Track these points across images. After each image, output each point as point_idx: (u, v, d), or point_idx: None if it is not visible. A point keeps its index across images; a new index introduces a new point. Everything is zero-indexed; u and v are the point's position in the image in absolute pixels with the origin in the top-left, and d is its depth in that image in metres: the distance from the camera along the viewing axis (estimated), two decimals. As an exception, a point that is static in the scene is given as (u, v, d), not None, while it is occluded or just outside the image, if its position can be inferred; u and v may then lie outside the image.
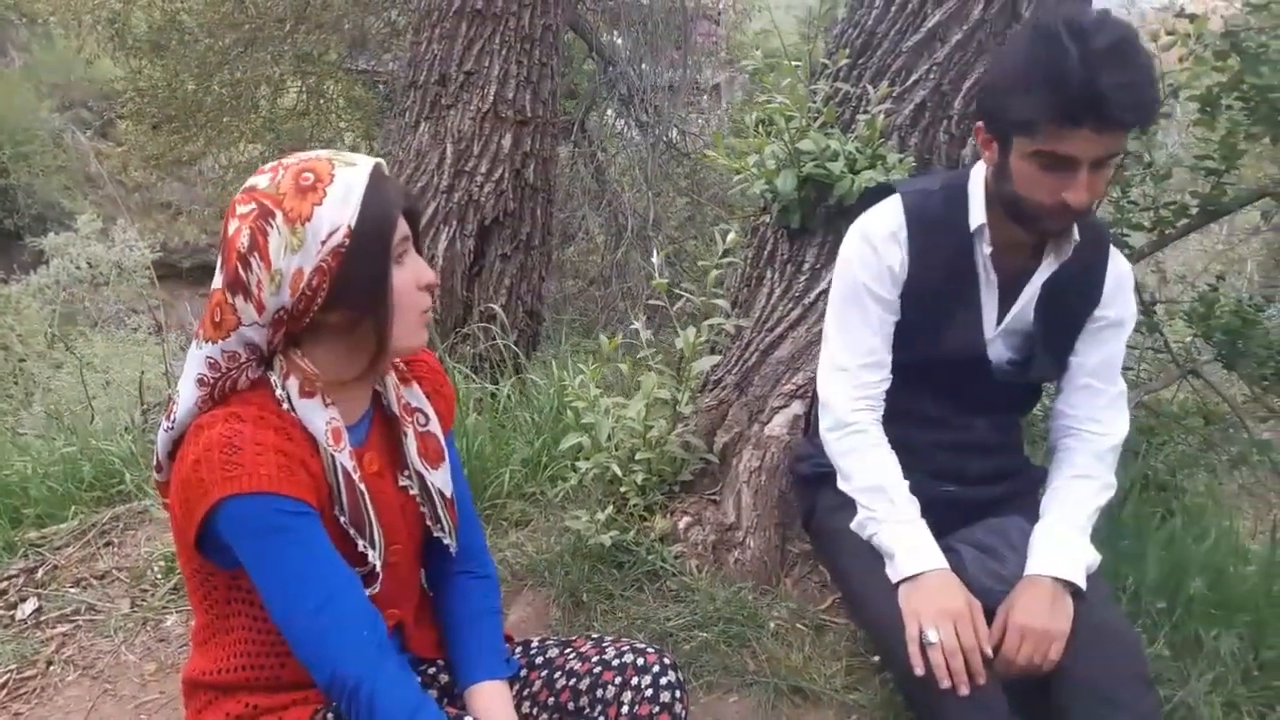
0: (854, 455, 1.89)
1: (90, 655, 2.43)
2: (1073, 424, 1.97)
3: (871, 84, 2.73)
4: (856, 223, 1.98)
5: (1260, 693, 2.06)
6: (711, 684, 1.98)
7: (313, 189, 1.28)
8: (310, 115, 7.53)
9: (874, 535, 1.82)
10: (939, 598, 1.69)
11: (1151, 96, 1.61)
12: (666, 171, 8.32)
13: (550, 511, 2.53)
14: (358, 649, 1.33)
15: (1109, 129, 1.60)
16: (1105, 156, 1.64)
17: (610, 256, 8.40)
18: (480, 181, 4.55)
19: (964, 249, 1.88)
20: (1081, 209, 1.67)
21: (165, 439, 1.43)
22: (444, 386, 1.66)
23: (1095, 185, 1.67)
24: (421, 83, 4.66)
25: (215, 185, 9.57)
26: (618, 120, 8.65)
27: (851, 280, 1.92)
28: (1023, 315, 1.91)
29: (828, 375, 1.96)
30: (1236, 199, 3.08)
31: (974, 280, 1.90)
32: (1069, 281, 1.88)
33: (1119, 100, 1.56)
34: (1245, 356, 3.50)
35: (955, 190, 1.89)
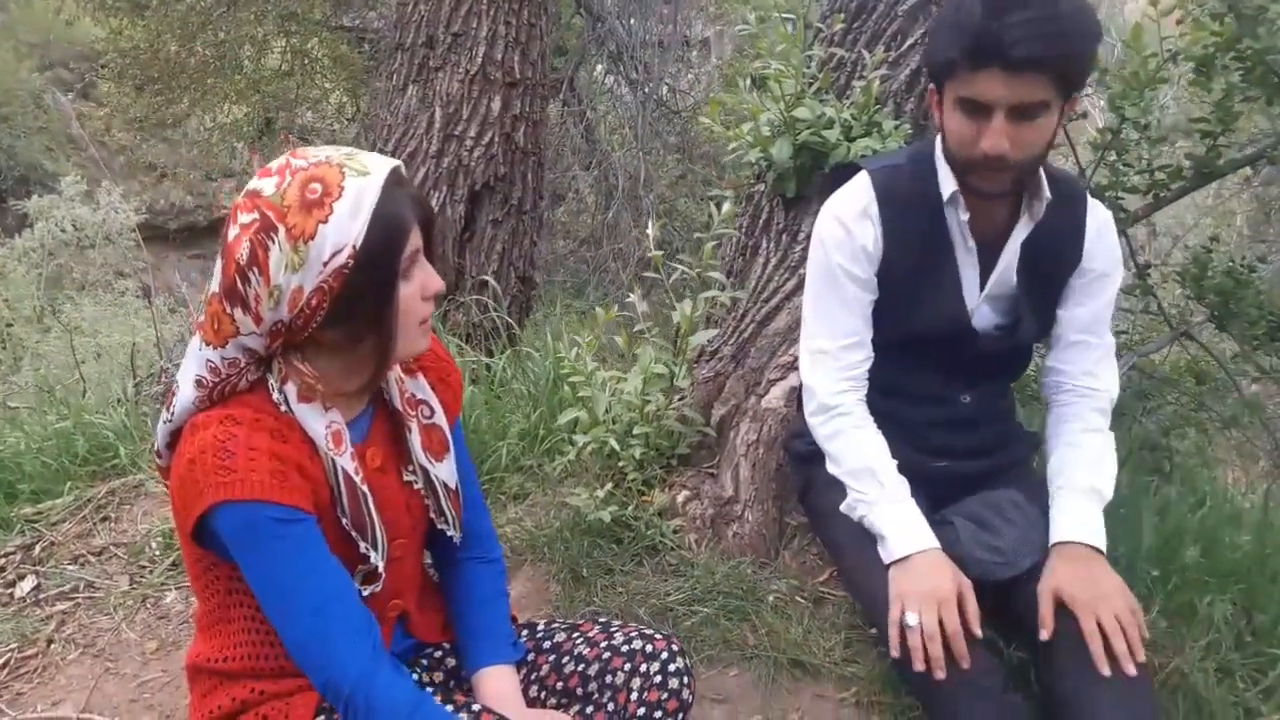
0: (840, 438, 1.90)
1: (91, 633, 2.43)
2: (1067, 380, 1.98)
3: (867, 48, 2.69)
4: (826, 204, 1.97)
5: (1253, 659, 2.08)
6: (712, 658, 1.99)
7: (319, 203, 1.23)
8: (295, 75, 7.40)
9: (864, 517, 1.83)
10: (926, 580, 1.70)
11: (1061, 40, 1.58)
12: (657, 130, 8.25)
13: (548, 486, 2.53)
14: (352, 654, 1.34)
15: (1018, 71, 1.59)
16: (1022, 104, 1.63)
17: (601, 217, 8.36)
18: (470, 146, 4.49)
19: (937, 219, 1.88)
20: (995, 155, 1.66)
21: (164, 430, 1.42)
22: (450, 375, 1.63)
23: (1020, 136, 1.66)
24: (408, 45, 4.58)
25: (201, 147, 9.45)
26: (607, 77, 8.56)
27: (826, 262, 1.92)
28: (1005, 278, 1.91)
29: (809, 359, 1.96)
30: (1231, 162, 3.07)
31: (950, 250, 1.89)
32: (1049, 240, 1.88)
33: (1018, 37, 1.56)
34: (1237, 317, 3.51)
35: (923, 162, 1.89)
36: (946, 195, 1.83)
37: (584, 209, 8.82)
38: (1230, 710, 1.93)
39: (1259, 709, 1.95)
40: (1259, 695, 1.99)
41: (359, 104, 7.44)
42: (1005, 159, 1.68)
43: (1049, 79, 1.62)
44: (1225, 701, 1.94)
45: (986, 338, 1.94)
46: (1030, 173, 1.77)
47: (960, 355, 1.95)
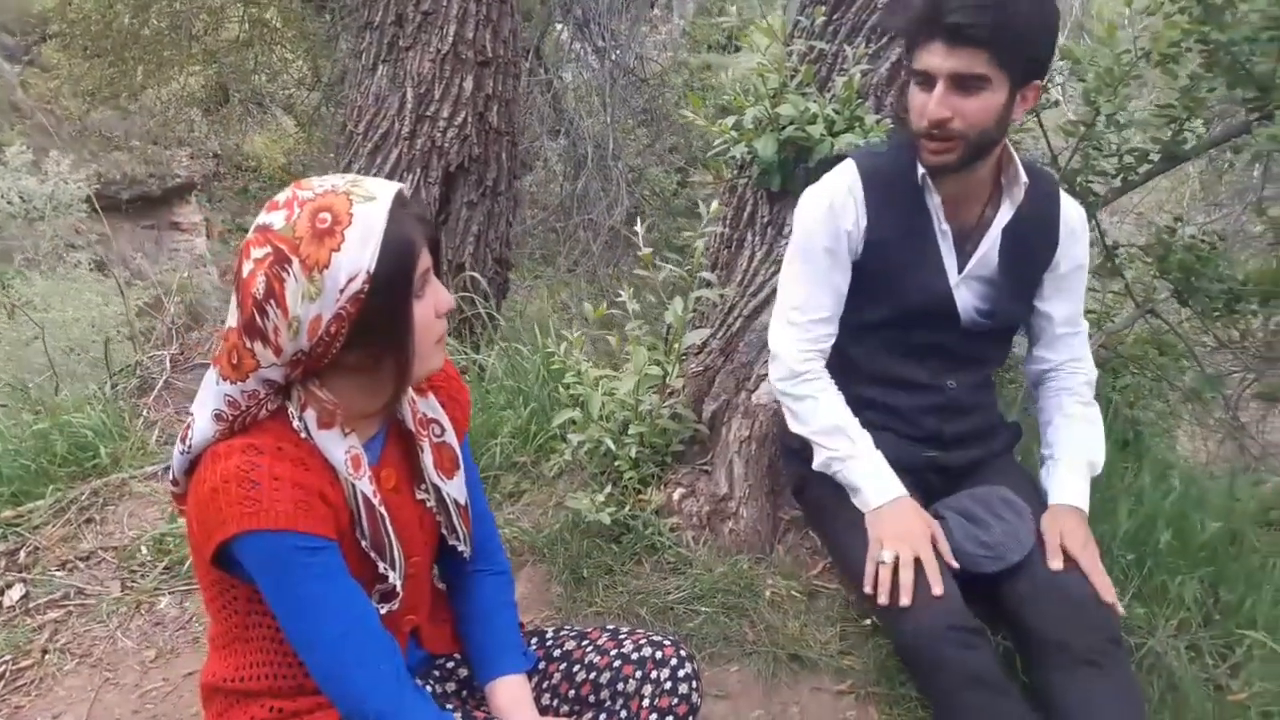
0: (809, 400, 1.99)
1: (85, 642, 2.43)
2: (1054, 367, 2.12)
3: (847, 41, 2.72)
4: (813, 185, 2.04)
5: (1220, 635, 2.19)
6: (713, 655, 2.04)
7: (330, 232, 1.25)
8: (254, 46, 7.25)
9: (839, 472, 1.94)
10: (900, 523, 1.84)
11: (996, 14, 1.68)
12: (624, 97, 8.21)
13: (543, 485, 2.56)
14: (376, 682, 1.38)
15: (955, 41, 1.71)
16: (960, 74, 1.73)
17: (569, 186, 8.32)
18: (443, 126, 4.45)
19: (918, 201, 1.96)
20: (935, 120, 1.77)
21: (181, 460, 1.43)
22: (459, 393, 1.66)
23: (960, 107, 1.76)
24: (377, 23, 4.51)
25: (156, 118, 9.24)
26: (574, 44, 8.48)
27: (808, 238, 2.00)
28: (986, 262, 1.99)
29: (780, 328, 2.05)
30: (1197, 147, 3.14)
31: (931, 230, 1.97)
32: (1028, 226, 1.97)
33: (954, 7, 1.68)
34: (1198, 291, 3.61)
35: (905, 147, 1.96)
36: (920, 176, 1.92)
37: (552, 178, 8.76)
38: (1201, 687, 2.03)
39: (1228, 685, 2.05)
40: (1227, 671, 2.09)
41: (320, 78, 7.31)
42: (947, 127, 1.78)
43: (987, 53, 1.71)
44: (1196, 679, 2.04)
45: (968, 320, 2.01)
46: (979, 149, 1.84)
47: (944, 339, 2.02)
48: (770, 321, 2.09)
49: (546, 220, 8.53)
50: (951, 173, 1.87)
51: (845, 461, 1.93)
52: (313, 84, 7.52)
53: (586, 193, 8.13)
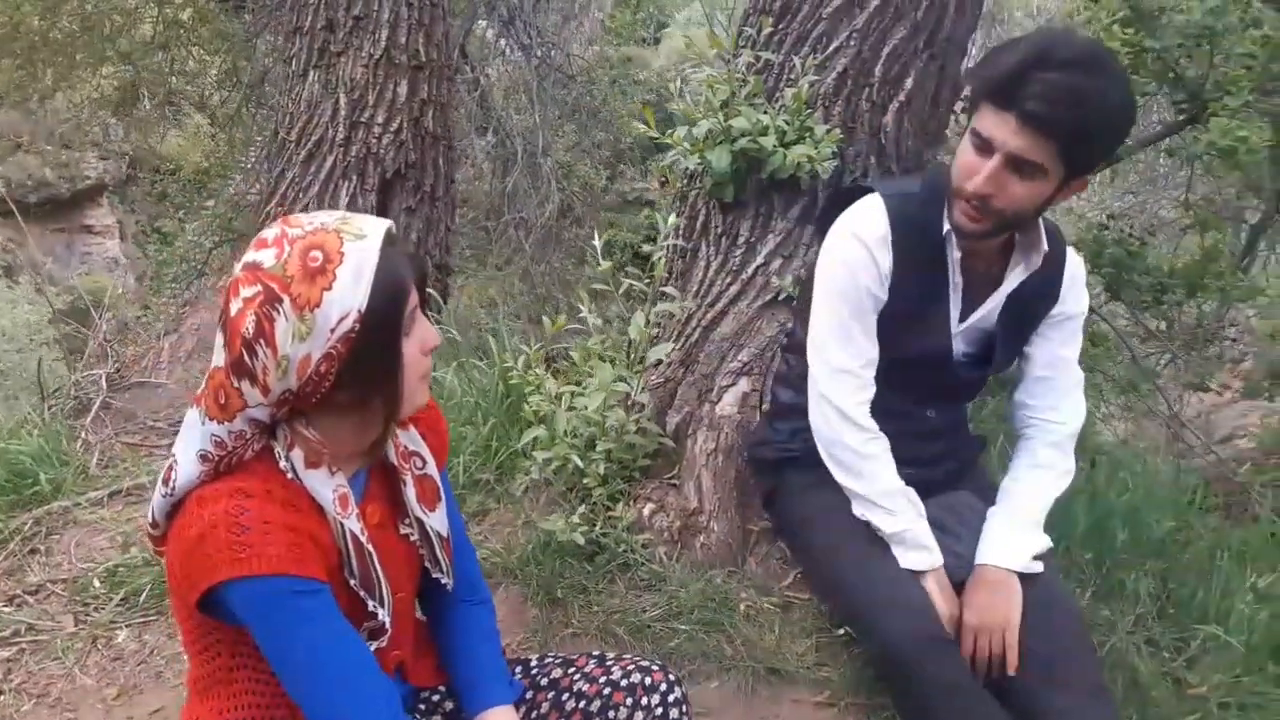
0: (876, 462, 1.97)
1: (42, 681, 2.35)
2: (1033, 414, 2.09)
3: (794, 50, 2.75)
4: (845, 223, 2.01)
5: (1174, 627, 2.28)
6: (693, 672, 2.07)
7: (322, 271, 1.23)
8: (170, 48, 7.04)
9: (903, 531, 1.92)
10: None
11: (1075, 112, 1.64)
12: (552, 94, 8.17)
13: (509, 503, 2.55)
14: None
15: (1030, 126, 1.66)
16: (1021, 155, 1.69)
17: (499, 184, 8.26)
18: (378, 133, 4.39)
19: (939, 251, 1.95)
20: (977, 194, 1.75)
21: (163, 503, 1.39)
22: (438, 423, 1.65)
23: (1008, 187, 1.73)
24: (307, 28, 4.42)
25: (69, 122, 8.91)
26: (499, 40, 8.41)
27: (851, 282, 1.97)
28: (987, 318, 2.02)
29: (830, 377, 2.00)
30: (1130, 147, 3.26)
31: (944, 284, 1.98)
32: (1032, 289, 1.98)
33: (1037, 93, 1.63)
34: (1128, 285, 3.75)
35: (935, 192, 1.94)
36: (945, 229, 1.91)
37: (480, 176, 8.69)
38: (1161, 681, 2.12)
39: (1186, 678, 2.14)
40: (1184, 664, 2.18)
41: (239, 78, 7.12)
42: (987, 203, 1.76)
43: (1055, 146, 1.68)
44: (1156, 674, 2.12)
45: (959, 366, 2.05)
46: (1011, 226, 1.86)
47: (931, 379, 2.06)
48: (812, 369, 2.05)
49: (476, 219, 8.46)
50: (975, 239, 1.87)
51: (901, 523, 1.93)
52: (232, 85, 7.33)
53: (516, 190, 8.08)
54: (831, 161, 2.57)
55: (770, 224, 2.69)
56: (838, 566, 1.99)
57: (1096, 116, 1.66)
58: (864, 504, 1.98)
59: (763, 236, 2.68)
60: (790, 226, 2.65)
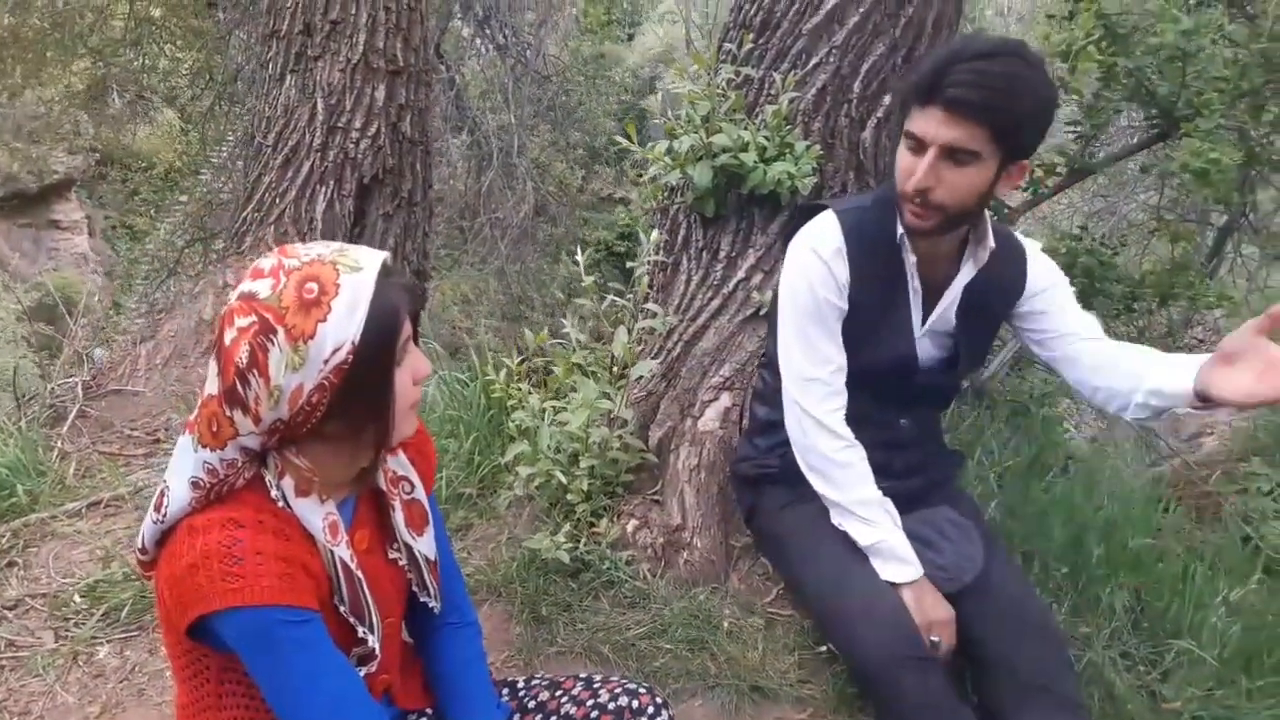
0: (850, 470, 2.00)
1: (23, 699, 2.34)
2: (1082, 336, 1.99)
3: (773, 66, 2.78)
4: (800, 239, 2.05)
5: (1149, 641, 2.32)
6: (677, 690, 2.08)
7: (317, 303, 1.24)
8: (141, 45, 6.96)
9: (879, 542, 1.95)
10: (939, 608, 1.91)
11: (997, 94, 1.70)
12: (528, 94, 8.16)
13: (492, 518, 2.56)
14: None
15: (953, 113, 1.72)
16: (953, 146, 1.75)
17: (474, 184, 8.24)
18: (355, 138, 4.39)
19: (894, 259, 1.99)
20: (919, 189, 1.80)
21: (154, 530, 1.40)
22: (425, 446, 1.66)
23: (947, 178, 1.78)
24: (284, 32, 4.41)
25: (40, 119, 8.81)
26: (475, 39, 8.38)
27: (810, 294, 2.00)
28: (944, 318, 2.05)
29: (800, 387, 2.03)
30: (1102, 161, 3.31)
31: (903, 289, 2.02)
32: (988, 285, 2.02)
33: (959, 80, 1.70)
34: (1100, 293, 3.81)
35: (885, 204, 1.99)
36: (899, 234, 1.95)
37: (455, 175, 8.66)
38: (1136, 695, 2.16)
39: (1161, 692, 2.18)
40: (1159, 677, 2.23)
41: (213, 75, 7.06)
42: (928, 197, 1.81)
43: (984, 130, 1.73)
44: (1132, 688, 2.17)
45: (926, 372, 2.08)
46: (957, 220, 1.88)
47: (901, 386, 2.09)
48: (785, 382, 2.07)
49: (452, 219, 8.44)
50: (926, 236, 1.91)
51: (887, 533, 1.96)
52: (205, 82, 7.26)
53: (491, 190, 8.08)
54: (811, 178, 2.60)
55: (751, 239, 2.71)
56: (817, 583, 2.03)
57: (1018, 97, 1.72)
58: (841, 512, 2.01)
59: (743, 251, 2.71)
60: (770, 241, 2.68)
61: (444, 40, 8.08)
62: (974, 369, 2.15)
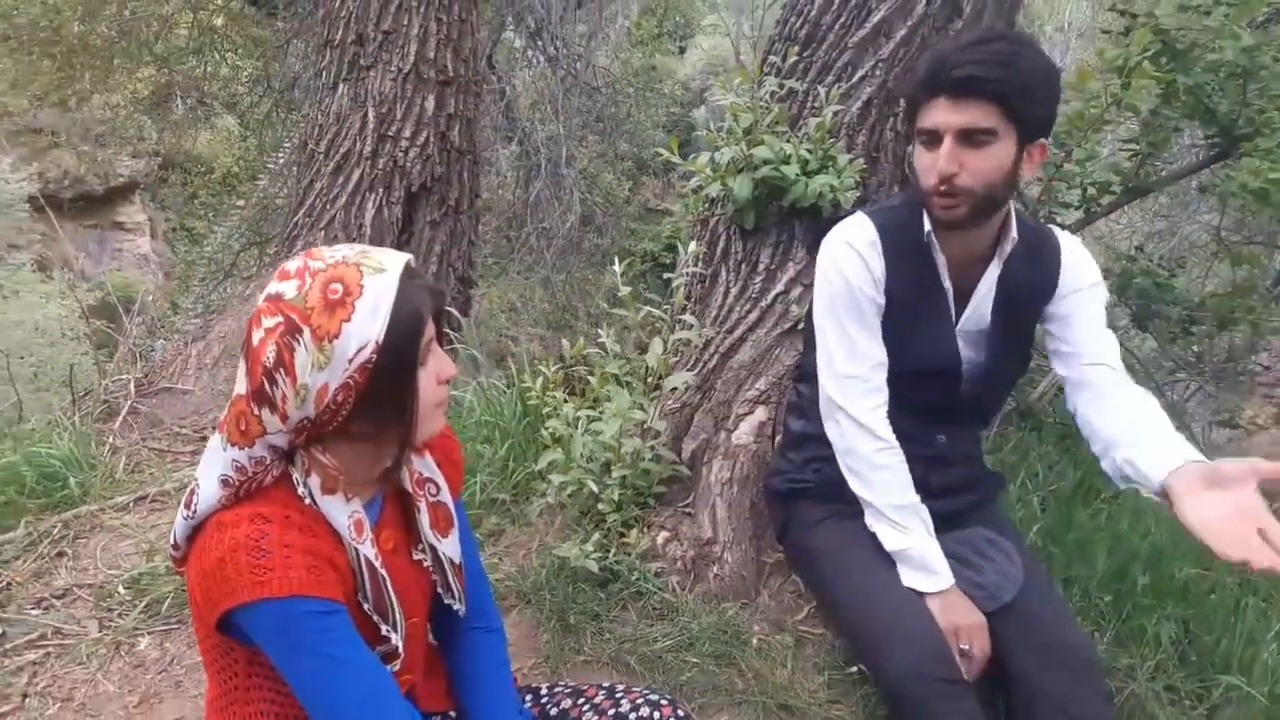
0: (889, 472, 1.98)
1: (66, 685, 2.39)
2: (1093, 360, 1.93)
3: (818, 79, 2.76)
4: (834, 236, 2.05)
5: (1196, 675, 2.26)
6: (704, 705, 2.07)
7: (341, 303, 1.27)
8: (204, 53, 7.15)
9: (908, 548, 1.94)
10: (970, 614, 1.89)
11: (1001, 68, 1.72)
12: (577, 106, 8.22)
13: (524, 525, 2.57)
14: None
15: (961, 95, 1.74)
16: (968, 128, 1.76)
17: (522, 193, 8.31)
18: (405, 146, 4.45)
19: (926, 259, 1.98)
20: (944, 175, 1.80)
21: (185, 526, 1.43)
22: (454, 452, 1.68)
23: (969, 162, 1.79)
24: (338, 42, 4.49)
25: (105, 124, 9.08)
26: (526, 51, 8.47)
27: (847, 289, 1.99)
28: (978, 315, 2.03)
29: (837, 384, 2.02)
30: (1159, 181, 3.25)
31: (937, 287, 2.00)
32: (1021, 281, 2.00)
33: (961, 61, 1.73)
34: (1156, 316, 3.73)
35: (913, 206, 1.99)
36: (926, 232, 1.94)
37: (504, 185, 8.75)
38: (1180, 730, 2.10)
39: (1206, 729, 2.13)
40: (1204, 713, 2.16)
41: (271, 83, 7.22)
42: (955, 183, 1.80)
43: (994, 106, 1.74)
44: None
45: (968, 380, 2.05)
46: (987, 205, 1.86)
47: (941, 395, 2.05)
48: (822, 382, 2.06)
49: (500, 228, 8.52)
50: (959, 228, 1.89)
51: (923, 540, 1.94)
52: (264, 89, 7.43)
53: (539, 200, 8.14)
54: (854, 191, 2.59)
55: (791, 252, 2.70)
56: (848, 601, 2.00)
57: (1021, 71, 1.73)
58: (874, 514, 1.99)
59: (783, 264, 2.69)
60: (810, 255, 2.66)
61: (496, 52, 8.17)
62: (1015, 376, 2.12)
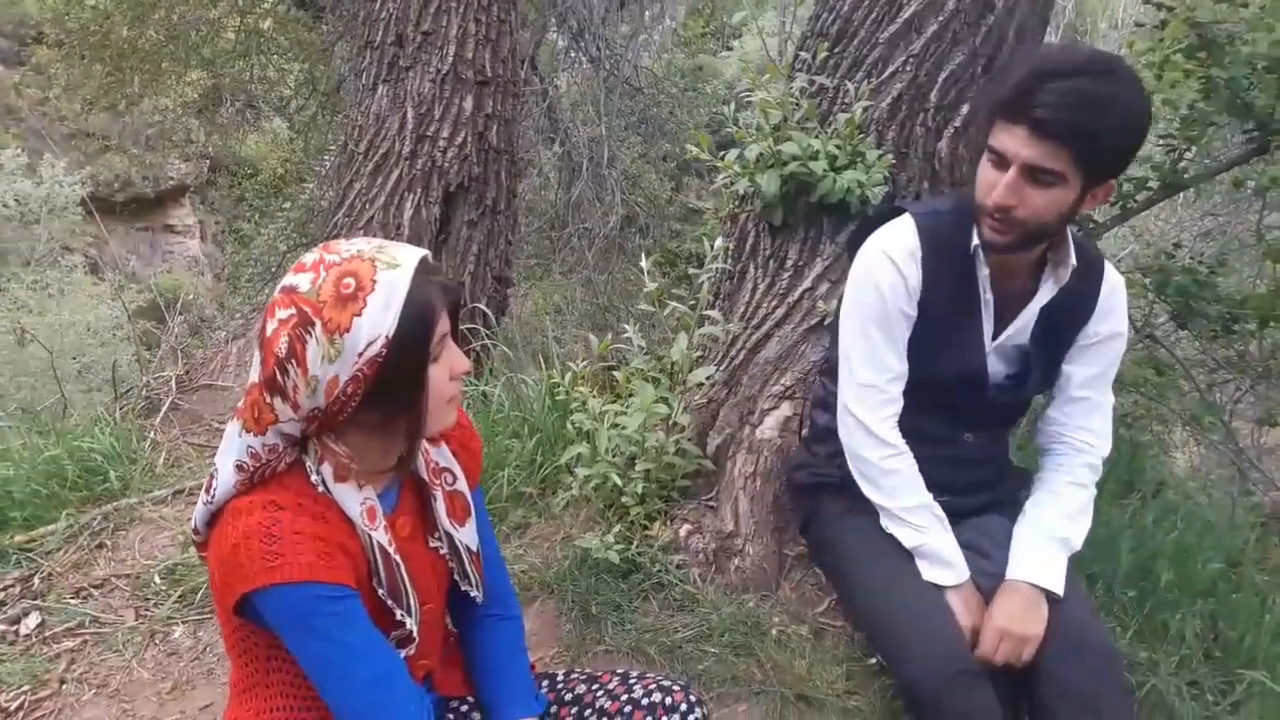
0: (899, 476, 1.98)
1: (102, 672, 2.46)
2: (1065, 432, 2.07)
3: (848, 75, 2.75)
4: (874, 242, 2.02)
5: (1220, 671, 2.22)
6: (722, 695, 2.07)
7: (353, 298, 1.29)
8: (250, 56, 7.29)
9: (924, 544, 1.94)
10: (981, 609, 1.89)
11: (1087, 117, 1.64)
12: (619, 107, 8.24)
13: (550, 518, 2.60)
14: None
15: (1040, 134, 1.67)
16: (1037, 166, 1.70)
17: (564, 195, 8.35)
18: (443, 146, 4.48)
19: (968, 269, 1.95)
20: (999, 206, 1.76)
21: (204, 511, 1.47)
22: (471, 441, 1.70)
23: (1029, 198, 1.74)
24: (377, 43, 4.54)
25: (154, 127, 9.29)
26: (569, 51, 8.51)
27: (879, 299, 1.97)
28: (1020, 334, 1.99)
29: (855, 392, 2.02)
30: (1196, 177, 3.19)
31: (975, 299, 1.97)
32: (1065, 303, 1.96)
33: (1047, 102, 1.65)
34: (1196, 314, 3.66)
35: (963, 211, 1.94)
36: (973, 247, 1.91)
37: (546, 185, 8.79)
38: (1202, 725, 2.07)
39: (1229, 724, 2.09)
40: (1228, 709, 2.13)
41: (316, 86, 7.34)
42: (1009, 214, 1.77)
43: (1069, 152, 1.68)
44: (1197, 717, 2.08)
45: (995, 388, 2.03)
46: (1037, 238, 1.84)
47: (967, 402, 2.04)
48: (840, 385, 2.06)
49: (542, 229, 8.57)
50: (1004, 253, 1.87)
51: (924, 537, 1.94)
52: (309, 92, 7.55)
53: (580, 200, 8.17)
54: (882, 187, 2.57)
55: (819, 248, 2.69)
56: (868, 594, 2.00)
57: (1107, 120, 1.66)
58: (889, 516, 1.99)
59: (810, 260, 2.69)
60: (839, 251, 2.65)
61: (539, 54, 8.22)
62: (1045, 388, 2.09)
